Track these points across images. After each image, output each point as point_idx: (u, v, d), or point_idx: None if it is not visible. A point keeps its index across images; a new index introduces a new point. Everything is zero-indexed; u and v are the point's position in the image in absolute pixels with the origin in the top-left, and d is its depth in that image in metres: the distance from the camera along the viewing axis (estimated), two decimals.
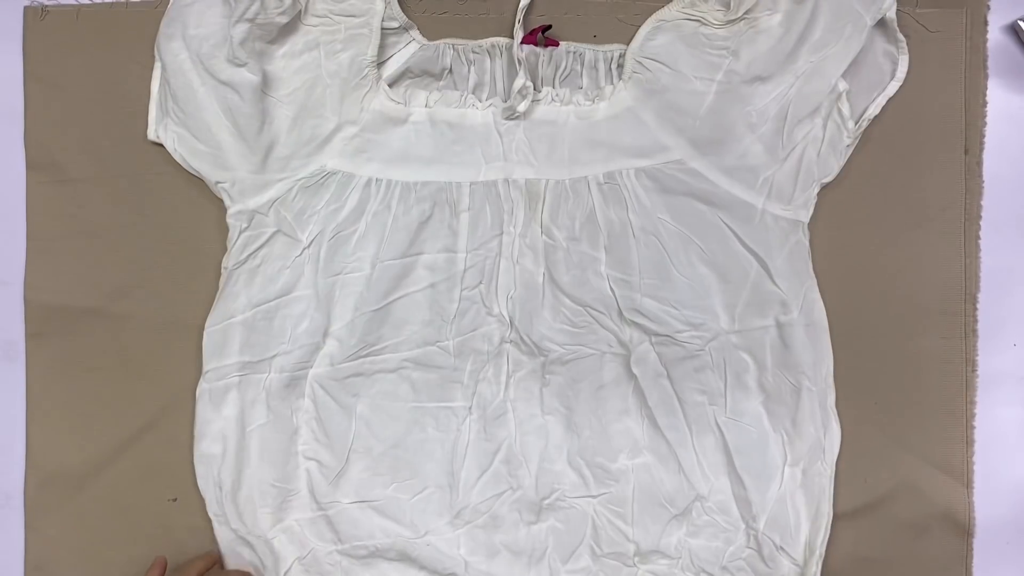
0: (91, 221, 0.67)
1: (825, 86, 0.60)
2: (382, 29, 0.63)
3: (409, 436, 0.63)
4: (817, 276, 0.63)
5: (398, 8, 0.64)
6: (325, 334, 0.62)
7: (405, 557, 0.63)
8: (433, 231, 0.63)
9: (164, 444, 0.66)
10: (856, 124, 0.62)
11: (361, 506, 0.63)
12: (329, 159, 0.63)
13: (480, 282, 0.63)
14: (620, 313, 0.62)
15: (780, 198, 0.61)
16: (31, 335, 0.67)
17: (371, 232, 0.62)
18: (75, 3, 0.67)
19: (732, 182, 0.61)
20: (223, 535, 0.63)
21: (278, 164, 0.62)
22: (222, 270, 0.64)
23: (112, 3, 0.67)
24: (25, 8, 0.67)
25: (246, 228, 0.63)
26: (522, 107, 0.61)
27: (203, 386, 0.63)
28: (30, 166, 0.67)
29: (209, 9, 0.61)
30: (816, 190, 0.62)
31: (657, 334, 0.61)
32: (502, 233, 0.63)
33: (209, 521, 0.64)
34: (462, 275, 0.63)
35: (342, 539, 0.63)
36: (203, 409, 0.63)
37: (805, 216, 0.62)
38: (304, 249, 0.62)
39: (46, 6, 0.67)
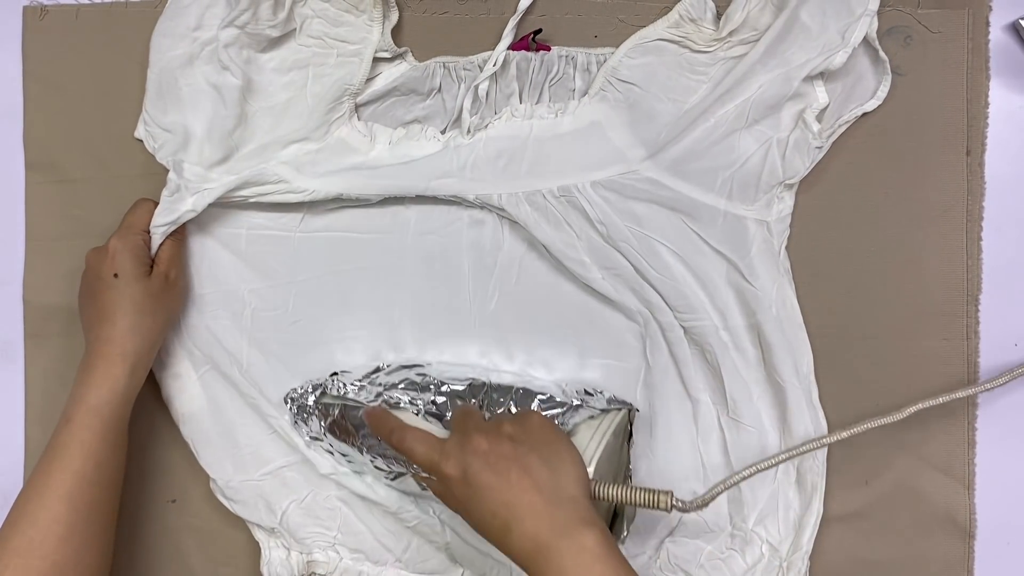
0: (90, 221, 0.66)
1: (787, 89, 0.59)
2: (373, 58, 0.63)
3: None
4: (817, 277, 0.63)
5: (391, 40, 0.64)
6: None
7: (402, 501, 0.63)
8: (384, 246, 0.64)
9: (163, 444, 0.66)
10: (826, 128, 0.61)
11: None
12: (279, 164, 0.62)
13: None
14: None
15: (743, 199, 0.61)
16: (30, 335, 0.67)
17: (303, 245, 0.64)
18: (74, 3, 0.67)
19: (691, 187, 0.61)
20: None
21: (234, 165, 0.62)
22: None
23: (112, 3, 0.67)
24: (24, 8, 0.67)
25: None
26: (471, 123, 0.62)
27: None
28: (29, 166, 0.67)
29: (208, 10, 0.61)
30: (780, 190, 0.61)
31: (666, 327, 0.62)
32: (461, 250, 0.63)
33: (208, 522, 0.64)
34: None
35: (341, 483, 0.63)
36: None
37: (768, 215, 0.61)
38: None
39: (45, 6, 0.67)
